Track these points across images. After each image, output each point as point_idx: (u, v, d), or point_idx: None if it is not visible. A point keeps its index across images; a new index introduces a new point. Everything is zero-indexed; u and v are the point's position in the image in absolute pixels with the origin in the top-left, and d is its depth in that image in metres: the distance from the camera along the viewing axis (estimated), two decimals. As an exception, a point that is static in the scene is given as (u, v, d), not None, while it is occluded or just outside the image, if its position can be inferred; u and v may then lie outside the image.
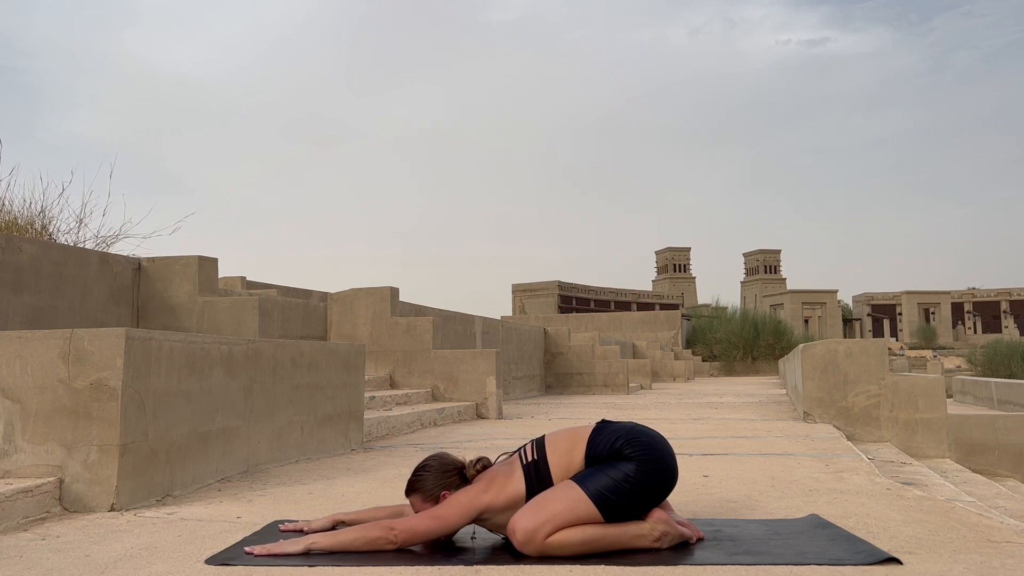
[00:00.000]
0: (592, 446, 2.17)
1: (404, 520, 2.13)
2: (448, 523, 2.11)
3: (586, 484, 2.09)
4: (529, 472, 2.19)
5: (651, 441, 2.17)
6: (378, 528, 2.10)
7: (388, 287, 7.80)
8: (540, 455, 2.22)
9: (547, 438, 2.26)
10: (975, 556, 2.00)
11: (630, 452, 2.13)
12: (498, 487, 2.18)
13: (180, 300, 6.13)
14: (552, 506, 2.04)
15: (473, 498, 2.16)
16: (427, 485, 2.23)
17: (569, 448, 2.20)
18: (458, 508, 2.13)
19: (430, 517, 2.11)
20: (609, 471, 2.11)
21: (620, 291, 59.72)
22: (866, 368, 5.84)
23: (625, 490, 2.08)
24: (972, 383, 13.74)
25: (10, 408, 2.66)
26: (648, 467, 2.12)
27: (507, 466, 2.24)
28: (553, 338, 12.98)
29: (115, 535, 2.30)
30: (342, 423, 4.30)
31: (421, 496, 2.23)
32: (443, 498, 2.21)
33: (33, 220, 6.29)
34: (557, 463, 2.19)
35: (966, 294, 61.02)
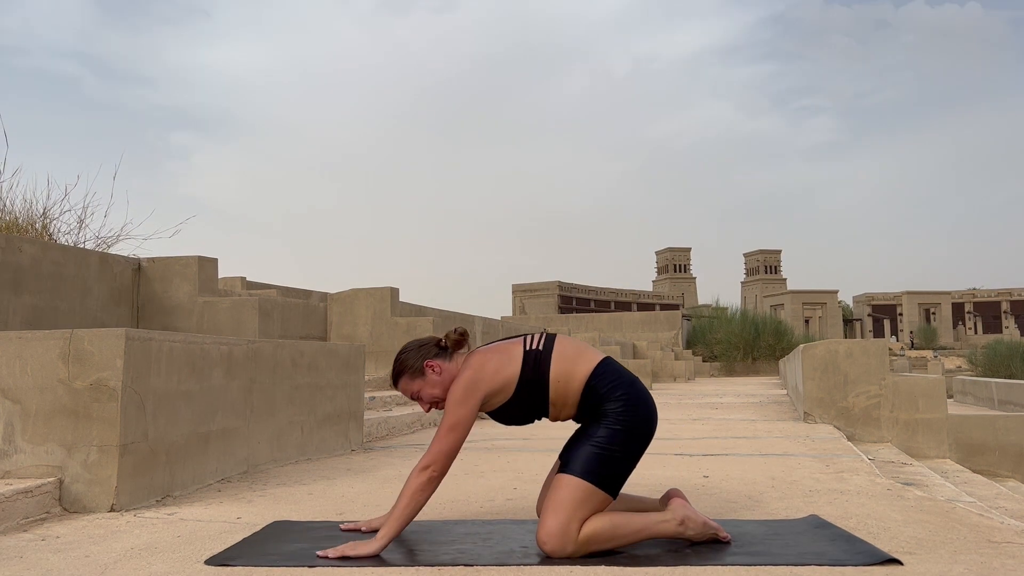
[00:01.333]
0: (596, 375, 2.15)
1: (430, 452, 2.11)
2: (464, 425, 2.12)
3: (578, 469, 2.06)
4: (528, 360, 2.17)
5: (641, 397, 2.16)
6: (415, 477, 2.09)
7: (388, 287, 7.80)
8: (547, 348, 2.19)
9: (558, 337, 2.24)
10: (975, 556, 1.99)
11: (617, 408, 2.11)
12: (494, 369, 2.16)
13: (180, 300, 6.13)
14: (566, 504, 2.02)
15: (471, 387, 2.14)
16: (409, 363, 2.24)
17: (574, 358, 2.18)
18: (464, 405, 2.12)
19: (446, 431, 2.10)
20: (592, 438, 2.10)
21: (620, 291, 59.70)
22: (866, 368, 5.83)
23: (616, 456, 2.08)
24: (972, 383, 13.74)
25: (10, 408, 2.66)
26: (636, 427, 2.12)
27: (504, 348, 2.21)
28: (553, 338, 12.97)
29: (115, 535, 2.30)
30: (342, 423, 4.30)
31: (408, 375, 2.25)
32: (428, 368, 2.22)
33: (34, 220, 6.29)
34: (559, 365, 2.16)
35: (967, 294, 60.99)
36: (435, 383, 2.24)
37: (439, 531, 2.34)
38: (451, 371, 2.24)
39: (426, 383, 2.25)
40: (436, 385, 2.24)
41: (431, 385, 2.24)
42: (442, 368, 2.24)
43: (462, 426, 2.12)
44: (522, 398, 2.18)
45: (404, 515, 2.08)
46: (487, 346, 2.27)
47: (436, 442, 2.12)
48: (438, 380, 2.24)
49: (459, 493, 3.02)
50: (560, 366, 2.17)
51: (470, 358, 2.22)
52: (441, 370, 2.24)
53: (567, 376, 2.16)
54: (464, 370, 2.18)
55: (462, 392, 2.14)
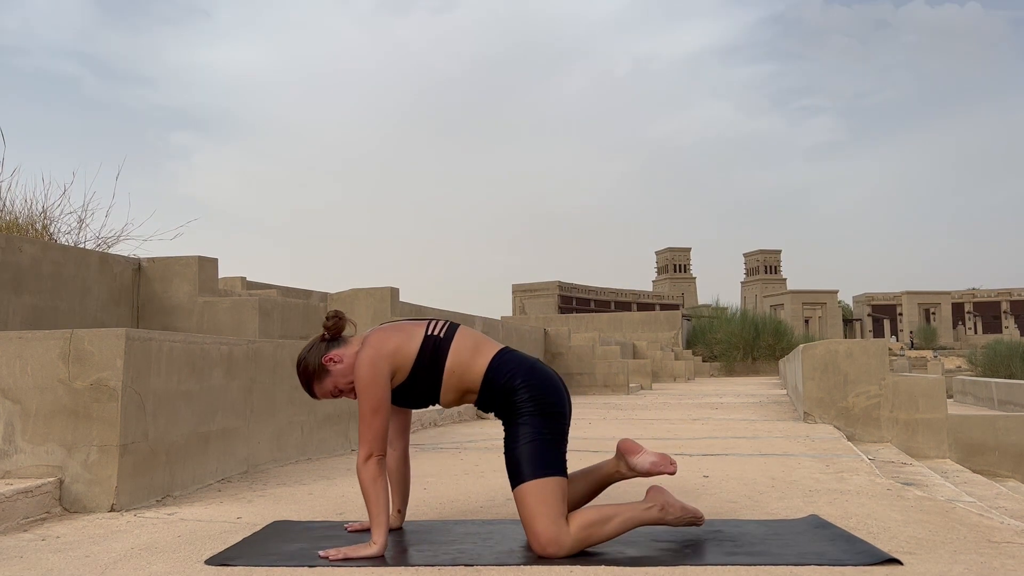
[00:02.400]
0: (492, 369, 2.16)
1: (362, 444, 2.11)
2: (384, 402, 2.12)
3: (527, 473, 2.06)
4: (427, 345, 2.18)
5: (543, 377, 2.17)
6: (365, 471, 2.09)
7: (388, 287, 7.79)
8: (447, 337, 2.21)
9: (460, 328, 2.25)
10: (975, 556, 1.99)
11: (524, 396, 2.12)
12: (394, 347, 2.16)
13: (180, 300, 6.13)
14: (540, 508, 2.02)
15: (375, 365, 2.13)
16: (310, 367, 2.24)
17: (472, 349, 2.20)
18: (375, 384, 2.11)
19: (369, 416, 2.10)
20: (519, 435, 2.10)
21: (620, 291, 59.71)
22: (866, 368, 5.83)
23: (547, 441, 2.09)
24: (972, 383, 13.74)
25: (10, 408, 2.66)
26: (549, 407, 2.13)
27: (406, 328, 2.22)
28: (553, 338, 12.98)
29: (115, 535, 2.30)
30: (342, 423, 4.30)
31: (316, 380, 2.24)
32: (329, 361, 2.22)
33: (34, 220, 6.29)
34: (457, 356, 2.18)
35: (966, 294, 60.99)
36: (342, 372, 2.23)
37: (439, 531, 2.34)
38: (350, 354, 2.23)
39: (335, 376, 2.23)
40: (344, 374, 2.23)
41: (341, 375, 2.23)
42: (341, 356, 2.23)
43: (381, 405, 2.12)
44: (415, 381, 2.19)
45: (380, 507, 2.08)
46: (388, 325, 2.27)
47: (364, 430, 2.11)
48: (343, 368, 2.23)
49: (459, 493, 3.02)
50: (456, 358, 2.18)
51: (368, 337, 2.21)
52: (341, 358, 2.23)
53: (463, 369, 2.18)
54: (364, 349, 2.17)
55: (368, 372, 2.13)
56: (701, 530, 2.29)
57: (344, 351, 2.24)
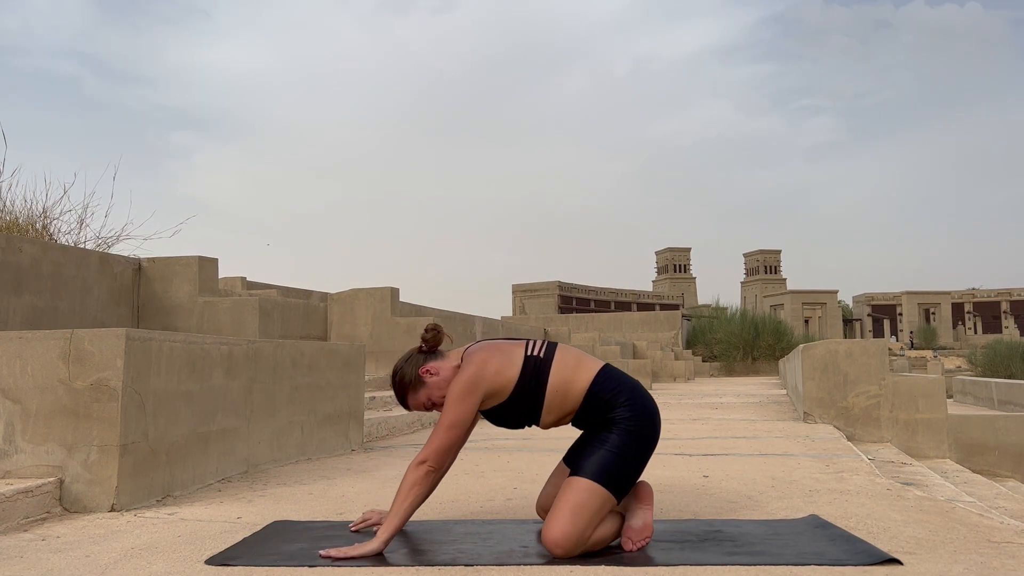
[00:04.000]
0: (597, 383, 2.16)
1: (426, 448, 2.11)
2: (464, 423, 2.12)
3: (595, 473, 2.06)
4: (528, 365, 2.17)
5: (645, 402, 2.17)
6: (412, 472, 2.09)
7: (388, 287, 7.80)
8: (547, 356, 2.19)
9: (559, 346, 2.24)
10: (975, 556, 1.99)
11: (624, 413, 2.12)
12: (495, 369, 2.16)
13: (180, 300, 6.13)
14: (583, 510, 2.01)
15: (473, 385, 2.13)
16: (407, 378, 2.24)
17: (574, 367, 2.19)
18: (464, 402, 2.12)
19: (444, 429, 2.11)
20: (604, 443, 2.10)
21: (620, 291, 59.71)
22: (866, 368, 5.83)
23: (629, 460, 2.09)
24: (972, 383, 13.74)
25: (10, 408, 2.66)
26: (644, 432, 2.13)
27: (506, 349, 2.21)
28: (553, 338, 12.99)
29: (115, 535, 2.30)
30: (342, 423, 4.30)
31: (411, 391, 2.25)
32: (426, 373, 2.22)
33: (34, 220, 6.29)
34: (558, 375, 2.17)
35: (966, 294, 60.98)
36: (438, 385, 2.23)
37: (439, 531, 2.34)
38: (447, 367, 2.24)
39: (430, 388, 2.24)
40: (440, 387, 2.23)
41: (436, 388, 2.23)
42: (438, 368, 2.24)
43: (461, 424, 2.13)
44: (516, 402, 2.19)
45: (402, 510, 2.08)
46: (488, 343, 2.26)
47: (434, 438, 2.12)
48: (440, 380, 2.23)
49: (459, 493, 3.02)
50: (559, 376, 2.17)
51: (472, 355, 2.21)
52: (437, 370, 2.24)
53: (566, 385, 2.17)
54: (466, 367, 2.18)
55: (463, 389, 2.14)
56: (701, 530, 2.30)
57: (441, 364, 2.24)
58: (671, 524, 2.39)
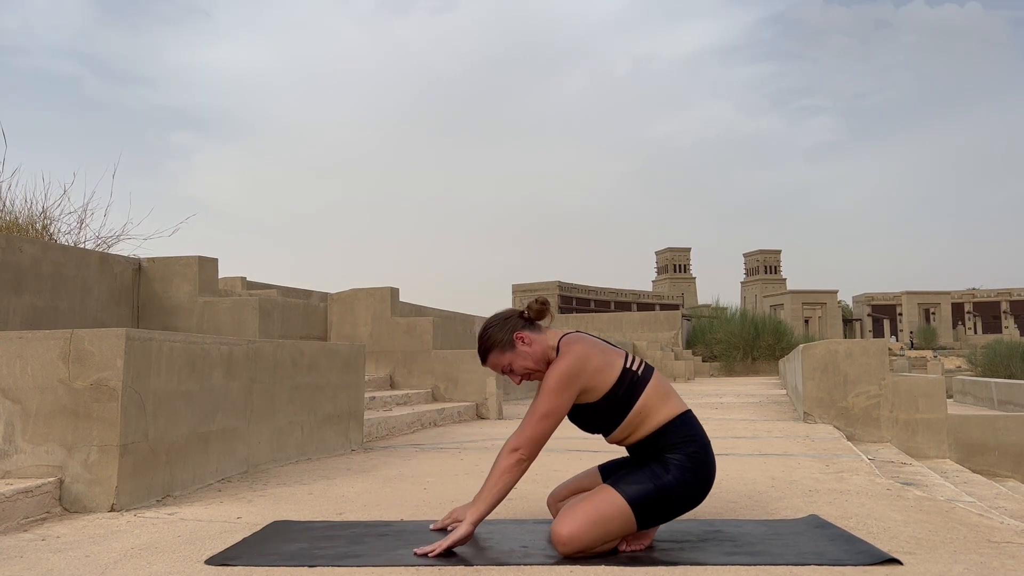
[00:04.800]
0: (678, 423, 2.13)
1: (519, 435, 2.08)
2: (559, 414, 2.09)
3: (632, 494, 2.03)
4: (624, 378, 2.13)
5: (708, 464, 2.12)
6: (505, 458, 2.07)
7: (388, 287, 7.80)
8: (644, 375, 2.15)
9: (655, 371, 2.21)
10: (975, 556, 1.99)
11: (684, 462, 2.08)
12: (595, 367, 2.12)
13: (180, 300, 6.13)
14: (603, 522, 2.00)
15: (572, 377, 2.09)
16: (497, 338, 2.22)
17: (663, 397, 2.15)
18: (562, 394, 2.08)
19: (540, 418, 2.07)
20: (655, 477, 2.06)
21: (620, 291, 59.73)
22: (866, 368, 5.83)
23: (671, 501, 2.06)
24: (972, 383, 13.73)
25: (10, 408, 2.66)
26: (692, 490, 2.09)
27: (607, 351, 2.16)
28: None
29: (115, 535, 2.30)
30: (342, 423, 4.30)
31: (499, 350, 2.22)
32: (519, 339, 2.20)
33: (34, 220, 6.29)
34: (648, 398, 2.13)
35: (966, 294, 60.99)
36: (527, 355, 2.21)
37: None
38: (541, 342, 2.21)
39: (517, 355, 2.21)
40: (528, 357, 2.21)
41: (522, 357, 2.21)
42: (532, 339, 2.21)
43: (556, 415, 2.09)
44: (600, 409, 2.15)
45: (492, 495, 2.06)
46: (586, 336, 2.21)
47: (527, 427, 2.08)
48: (529, 351, 2.21)
49: (459, 493, 3.02)
50: (648, 400, 2.13)
51: (571, 344, 2.16)
52: (531, 341, 2.21)
53: (650, 411, 2.13)
54: (566, 355, 2.13)
55: (562, 380, 2.09)
56: (701, 530, 2.30)
57: (536, 337, 2.22)
58: (671, 524, 2.39)
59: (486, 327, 2.26)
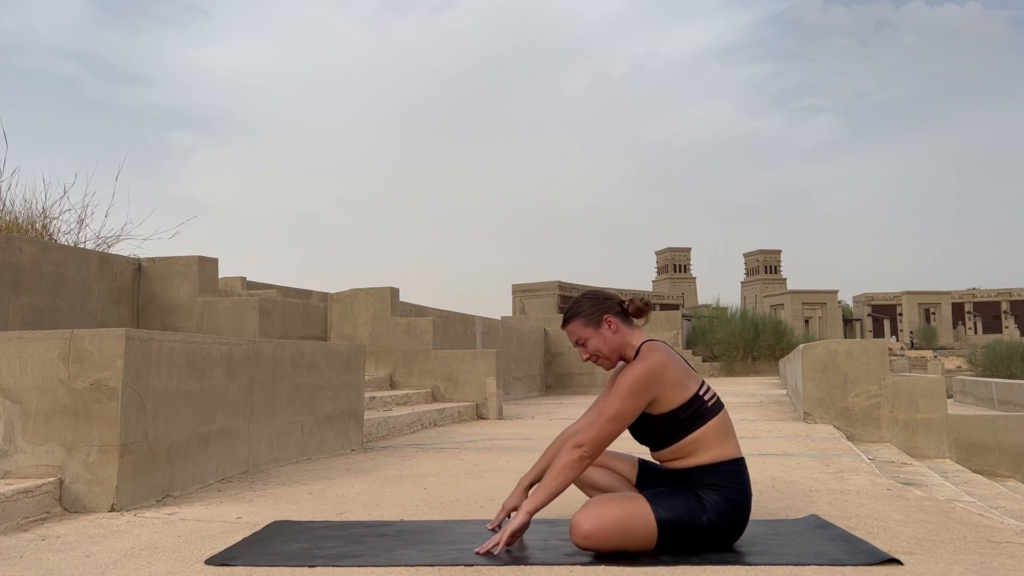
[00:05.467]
0: (730, 468, 2.10)
1: (586, 433, 2.06)
2: (627, 418, 2.07)
3: (662, 512, 2.01)
4: (693, 403, 2.10)
5: (743, 515, 2.10)
6: (568, 453, 2.05)
7: (388, 287, 7.80)
8: (712, 408, 2.12)
9: (724, 408, 2.18)
10: (975, 556, 1.99)
11: (723, 507, 2.05)
12: (671, 380, 2.09)
13: (180, 300, 6.13)
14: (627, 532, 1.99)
15: (648, 383, 2.06)
16: (589, 310, 2.21)
17: (723, 436, 2.12)
18: (634, 399, 2.06)
19: (608, 420, 2.05)
20: (691, 513, 2.03)
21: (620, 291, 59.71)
22: (866, 368, 5.83)
23: (692, 538, 2.04)
24: (972, 383, 13.73)
25: (10, 408, 2.66)
26: (720, 536, 2.06)
27: (685, 370, 2.13)
28: (553, 338, 12.98)
29: (115, 535, 2.30)
30: (342, 423, 4.30)
31: (583, 320, 2.22)
32: (606, 322, 2.19)
33: (34, 220, 6.29)
34: (709, 431, 2.09)
35: (966, 294, 60.99)
36: (606, 339, 2.20)
37: (439, 531, 2.34)
38: (624, 336, 2.21)
39: (597, 335, 2.21)
40: (606, 342, 2.20)
41: (602, 340, 2.20)
42: (618, 328, 2.21)
43: (625, 418, 2.07)
44: (659, 424, 2.12)
45: (552, 488, 2.05)
46: (668, 349, 2.17)
47: (595, 427, 2.06)
48: (610, 338, 2.20)
49: (459, 493, 3.02)
50: (708, 433, 2.10)
51: (651, 351, 2.13)
52: (617, 329, 2.20)
53: (705, 444, 2.10)
54: (645, 360, 2.10)
55: (637, 384, 2.06)
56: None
57: (623, 328, 2.21)
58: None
59: (584, 296, 2.27)
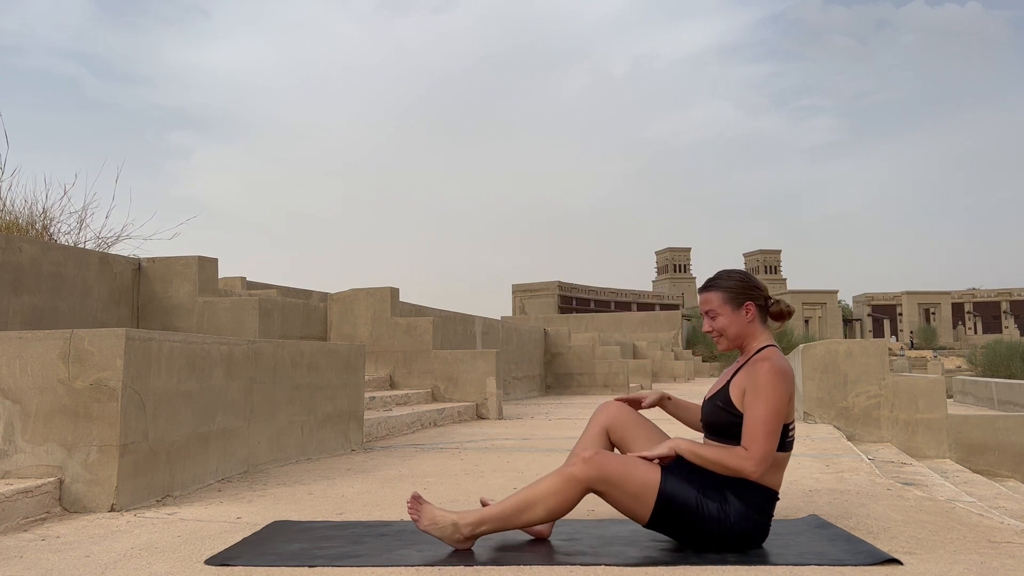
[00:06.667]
0: (766, 491, 2.09)
1: (754, 447, 2.02)
2: (782, 414, 2.05)
3: (668, 483, 2.02)
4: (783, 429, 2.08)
5: (752, 535, 2.07)
6: (735, 456, 2.03)
7: (388, 287, 7.80)
8: (788, 443, 2.11)
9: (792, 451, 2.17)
10: (975, 556, 1.99)
11: (742, 513, 2.04)
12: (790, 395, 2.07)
13: (180, 300, 6.13)
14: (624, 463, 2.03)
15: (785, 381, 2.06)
16: (734, 288, 2.20)
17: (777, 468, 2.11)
18: (781, 392, 2.04)
19: (773, 431, 2.03)
20: (702, 498, 2.03)
21: (620, 291, 59.75)
22: (866, 368, 5.83)
23: (691, 522, 2.03)
24: (972, 383, 13.73)
25: (10, 408, 2.66)
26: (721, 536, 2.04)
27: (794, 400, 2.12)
28: (553, 338, 12.98)
29: (115, 535, 2.30)
30: (342, 423, 4.30)
31: (725, 296, 2.20)
32: (746, 307, 2.19)
33: (34, 220, 6.29)
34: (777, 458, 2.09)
35: (966, 294, 61.00)
36: (738, 323, 2.19)
37: None
38: (755, 327, 2.20)
39: (733, 314, 2.20)
40: (737, 324, 2.19)
41: (733, 321, 2.19)
42: (754, 317, 2.20)
43: (780, 415, 2.06)
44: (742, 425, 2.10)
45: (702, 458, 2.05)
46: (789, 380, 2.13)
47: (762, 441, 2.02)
48: (743, 322, 2.19)
49: (459, 493, 3.02)
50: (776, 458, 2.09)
51: (783, 359, 2.12)
52: (752, 318, 2.20)
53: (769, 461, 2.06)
54: (780, 360, 2.10)
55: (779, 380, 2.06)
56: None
57: (757, 322, 2.20)
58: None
59: (734, 271, 2.26)
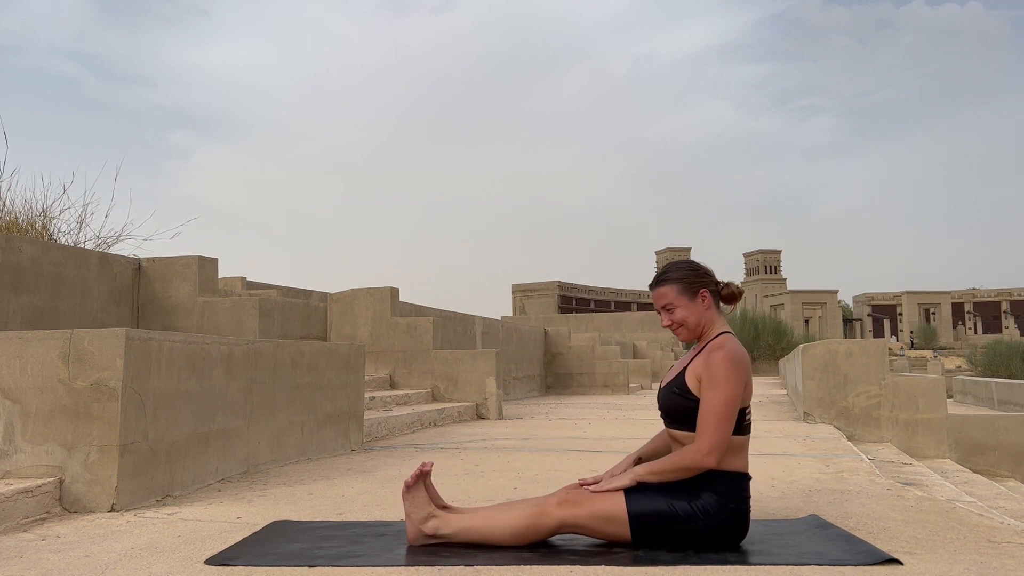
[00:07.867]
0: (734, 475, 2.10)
1: (703, 438, 2.03)
2: (736, 402, 2.06)
3: (633, 502, 2.03)
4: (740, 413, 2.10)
5: (736, 526, 2.08)
6: (688, 456, 2.04)
7: (388, 287, 7.80)
8: (746, 427, 2.13)
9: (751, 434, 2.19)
10: (975, 556, 1.99)
11: (715, 507, 2.05)
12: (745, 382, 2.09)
13: (180, 300, 6.13)
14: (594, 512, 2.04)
15: (739, 369, 2.07)
16: (685, 279, 2.21)
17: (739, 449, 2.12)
18: (733, 381, 2.05)
19: (726, 420, 2.03)
20: (675, 499, 2.03)
21: (620, 291, 59.76)
22: (866, 368, 5.83)
23: (674, 528, 2.04)
24: (972, 383, 13.74)
25: (10, 408, 2.66)
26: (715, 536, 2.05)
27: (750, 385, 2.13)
28: (553, 338, 12.98)
29: (115, 535, 2.30)
30: (342, 423, 4.30)
31: (678, 288, 2.20)
32: (700, 295, 2.19)
33: (34, 220, 6.29)
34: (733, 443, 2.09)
35: (966, 294, 61.01)
36: (695, 312, 2.20)
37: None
38: (712, 314, 2.21)
39: (688, 305, 2.20)
40: (696, 313, 2.20)
41: (690, 311, 2.20)
42: (709, 305, 2.21)
43: (735, 403, 2.06)
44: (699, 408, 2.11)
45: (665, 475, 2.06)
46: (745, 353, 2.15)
47: (712, 429, 2.03)
48: (700, 312, 2.20)
49: (459, 493, 3.02)
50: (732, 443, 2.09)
51: (737, 345, 2.13)
52: (708, 306, 2.21)
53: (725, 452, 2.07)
54: (735, 347, 2.11)
55: (733, 368, 2.06)
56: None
57: (711, 310, 2.21)
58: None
59: (682, 263, 2.26)
